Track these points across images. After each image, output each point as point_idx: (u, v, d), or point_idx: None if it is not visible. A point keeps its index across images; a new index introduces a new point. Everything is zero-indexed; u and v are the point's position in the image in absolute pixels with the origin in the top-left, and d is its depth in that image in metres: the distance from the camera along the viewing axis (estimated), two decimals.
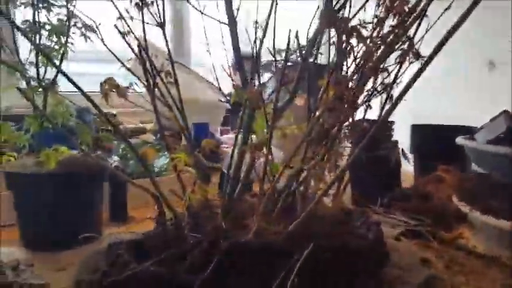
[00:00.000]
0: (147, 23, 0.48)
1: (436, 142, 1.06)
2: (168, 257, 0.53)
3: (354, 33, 0.43)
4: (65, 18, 0.69)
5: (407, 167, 1.32)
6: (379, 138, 1.04)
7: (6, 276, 0.52)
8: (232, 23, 0.52)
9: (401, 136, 1.29)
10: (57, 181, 0.72)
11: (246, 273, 0.49)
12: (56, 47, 0.69)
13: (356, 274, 0.55)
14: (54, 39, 0.67)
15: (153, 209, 0.62)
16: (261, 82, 0.56)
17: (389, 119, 1.07)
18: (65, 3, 0.69)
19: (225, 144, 1.61)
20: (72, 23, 0.69)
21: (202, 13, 0.58)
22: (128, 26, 0.49)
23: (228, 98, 0.71)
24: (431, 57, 0.39)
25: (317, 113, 0.52)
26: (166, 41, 0.51)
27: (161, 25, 0.49)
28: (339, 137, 0.55)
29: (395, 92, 0.52)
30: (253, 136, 0.64)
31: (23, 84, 0.73)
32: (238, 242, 0.52)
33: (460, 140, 0.82)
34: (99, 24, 0.54)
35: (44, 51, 0.59)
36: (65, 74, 0.53)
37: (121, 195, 0.91)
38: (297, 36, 0.61)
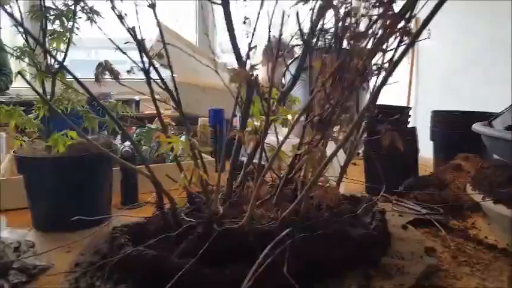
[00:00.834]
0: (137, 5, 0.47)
1: (457, 129, 1.01)
2: (163, 241, 0.54)
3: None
4: (71, 2, 0.69)
5: (427, 155, 1.28)
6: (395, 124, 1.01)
7: (8, 257, 0.54)
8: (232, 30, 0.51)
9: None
10: (65, 164, 0.74)
11: (237, 258, 0.49)
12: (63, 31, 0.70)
13: (351, 262, 0.53)
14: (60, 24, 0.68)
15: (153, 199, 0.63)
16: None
17: (407, 105, 1.03)
18: None
19: None
20: (78, 8, 0.69)
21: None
22: (118, 11, 0.49)
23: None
24: (417, 34, 0.37)
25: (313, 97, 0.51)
26: (158, 21, 0.50)
27: (152, 6, 0.49)
28: (336, 122, 0.54)
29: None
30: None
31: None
32: (229, 228, 0.52)
33: (476, 126, 0.78)
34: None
35: (43, 45, 0.60)
36: (62, 64, 0.54)
37: (132, 179, 0.92)
38: (298, 20, 0.60)
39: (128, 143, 1.05)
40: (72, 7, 0.70)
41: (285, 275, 0.45)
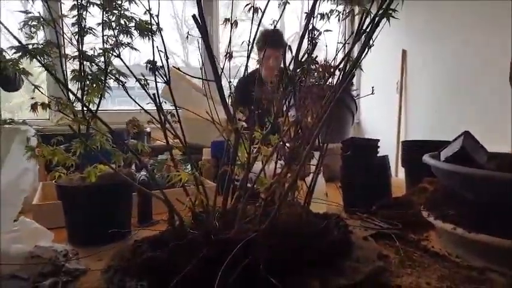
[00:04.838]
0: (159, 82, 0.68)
1: (421, 156, 1.19)
2: (174, 248, 0.72)
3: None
4: (103, 66, 0.90)
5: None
6: (367, 154, 1.20)
7: (60, 261, 0.73)
8: (215, 70, 0.70)
9: None
10: (96, 192, 0.93)
11: (226, 260, 0.66)
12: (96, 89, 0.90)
13: (317, 264, 0.71)
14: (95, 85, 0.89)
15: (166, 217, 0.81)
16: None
17: (375, 138, 1.22)
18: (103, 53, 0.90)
19: None
20: (108, 70, 0.90)
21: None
22: (146, 81, 0.69)
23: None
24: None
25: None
26: (172, 94, 0.70)
27: (167, 82, 0.69)
28: (302, 157, 0.72)
29: None
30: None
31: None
32: (222, 237, 0.70)
33: (425, 157, 0.95)
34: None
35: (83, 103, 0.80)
36: (95, 115, 0.74)
37: (147, 203, 1.11)
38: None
39: (144, 172, 1.24)
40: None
41: (261, 272, 0.63)
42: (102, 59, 0.88)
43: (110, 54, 0.86)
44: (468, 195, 0.83)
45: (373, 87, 0.80)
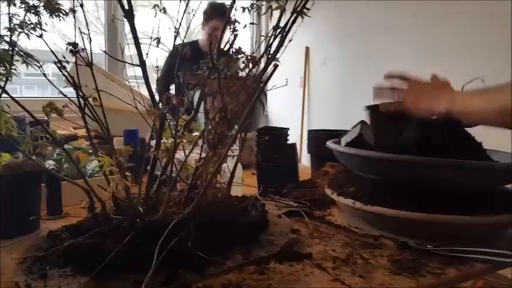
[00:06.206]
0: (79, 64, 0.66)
1: (324, 143, 1.32)
2: (96, 235, 0.72)
3: None
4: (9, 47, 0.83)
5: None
6: (279, 142, 1.29)
7: None
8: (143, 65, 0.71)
9: None
10: (1, 183, 0.87)
11: (153, 242, 0.68)
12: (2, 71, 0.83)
13: (237, 240, 0.77)
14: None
15: (85, 205, 0.79)
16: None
17: (285, 127, 1.32)
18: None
19: None
20: (15, 52, 0.83)
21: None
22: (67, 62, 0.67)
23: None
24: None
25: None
26: (94, 77, 0.69)
27: (89, 65, 0.68)
28: (225, 142, 0.77)
29: None
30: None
31: None
32: (148, 221, 0.72)
33: (329, 143, 1.07)
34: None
35: None
36: (9, 95, 0.70)
37: (56, 194, 1.06)
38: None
39: (51, 161, 1.18)
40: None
41: (188, 250, 0.67)
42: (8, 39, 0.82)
43: (20, 34, 0.80)
44: (366, 174, 0.96)
45: (286, 79, 0.88)
